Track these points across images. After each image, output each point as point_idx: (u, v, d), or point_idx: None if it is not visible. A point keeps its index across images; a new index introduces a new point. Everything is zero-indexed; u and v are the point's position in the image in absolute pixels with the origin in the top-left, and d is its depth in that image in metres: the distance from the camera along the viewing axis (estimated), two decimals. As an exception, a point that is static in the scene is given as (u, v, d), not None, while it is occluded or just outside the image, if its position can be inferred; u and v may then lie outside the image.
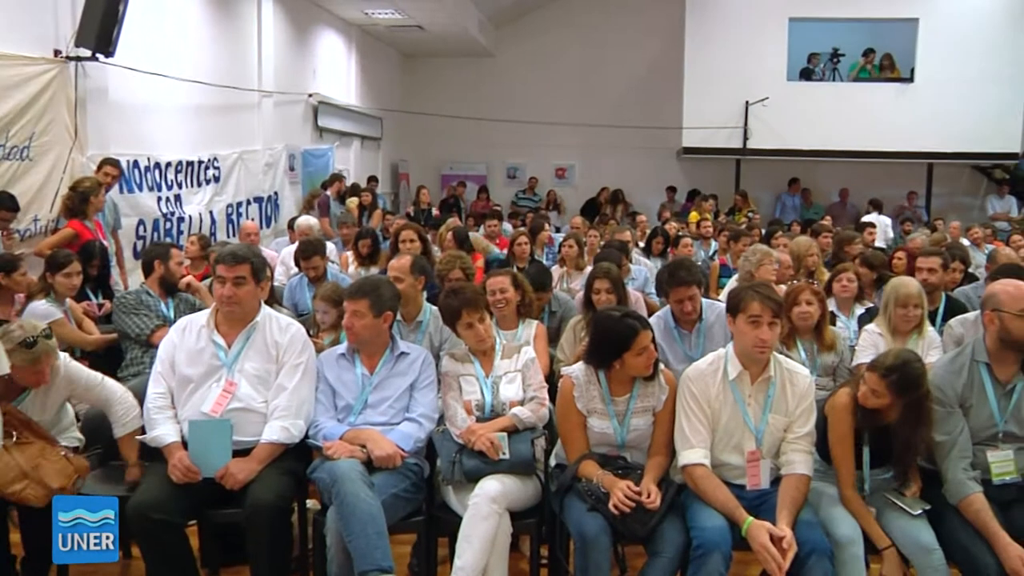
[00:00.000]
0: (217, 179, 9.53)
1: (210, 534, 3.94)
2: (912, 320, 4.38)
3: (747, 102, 14.18)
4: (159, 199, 8.29)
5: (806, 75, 14.96)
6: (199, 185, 9.14)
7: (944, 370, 3.40)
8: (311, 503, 3.89)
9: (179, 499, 3.32)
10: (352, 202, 10.83)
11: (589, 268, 5.81)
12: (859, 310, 5.42)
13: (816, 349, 4.33)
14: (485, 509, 3.29)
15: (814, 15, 14.43)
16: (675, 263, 4.66)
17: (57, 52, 6.80)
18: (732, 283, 5.76)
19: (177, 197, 8.64)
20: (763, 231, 9.34)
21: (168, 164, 8.46)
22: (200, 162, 9.14)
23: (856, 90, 14.66)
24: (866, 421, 3.26)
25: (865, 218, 12.19)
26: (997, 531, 3.07)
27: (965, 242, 9.43)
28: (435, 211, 13.30)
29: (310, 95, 12.19)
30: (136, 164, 7.89)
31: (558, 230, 11.48)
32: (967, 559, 3.09)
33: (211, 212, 9.31)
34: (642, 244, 9.18)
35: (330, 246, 7.18)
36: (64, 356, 3.66)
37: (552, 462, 3.64)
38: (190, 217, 8.81)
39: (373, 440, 3.47)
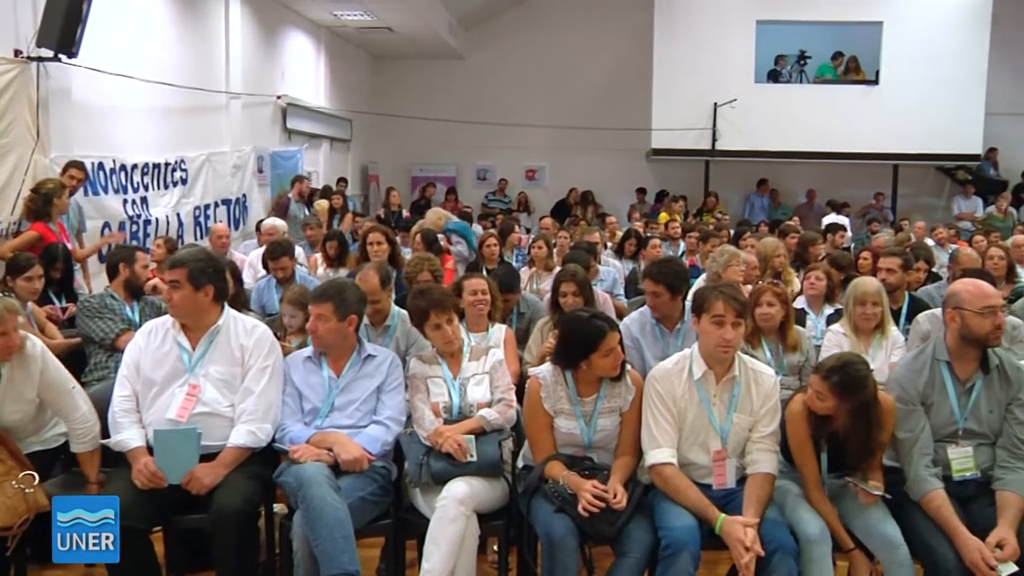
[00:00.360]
0: (184, 181, 9.43)
1: (176, 540, 3.88)
2: (871, 318, 4.45)
3: (715, 104, 14.27)
4: (125, 201, 8.19)
5: (773, 77, 15.08)
6: (166, 187, 9.04)
7: (906, 368, 3.45)
8: (278, 507, 3.85)
9: (143, 505, 3.27)
10: (322, 205, 10.78)
11: (559, 269, 5.82)
12: (828, 310, 5.48)
13: (781, 349, 4.37)
14: (452, 511, 3.28)
15: (781, 18, 14.55)
16: (662, 260, 4.70)
17: (17, 52, 6.69)
18: (699, 283, 5.79)
19: (143, 199, 8.55)
20: (731, 232, 9.42)
21: (134, 166, 8.35)
22: (167, 164, 9.04)
23: (823, 92, 14.83)
24: (818, 428, 3.28)
25: (826, 219, 12.37)
26: (957, 526, 3.11)
27: (930, 242, 9.56)
28: (406, 213, 13.27)
29: (279, 97, 12.11)
30: (101, 166, 7.79)
31: (528, 231, 11.49)
32: (928, 554, 3.13)
33: (178, 214, 9.21)
34: (611, 245, 9.22)
35: (297, 248, 7.14)
36: (41, 345, 3.54)
37: (520, 463, 3.64)
38: (157, 220, 8.71)
39: (340, 443, 3.45)
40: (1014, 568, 3.00)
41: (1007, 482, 3.21)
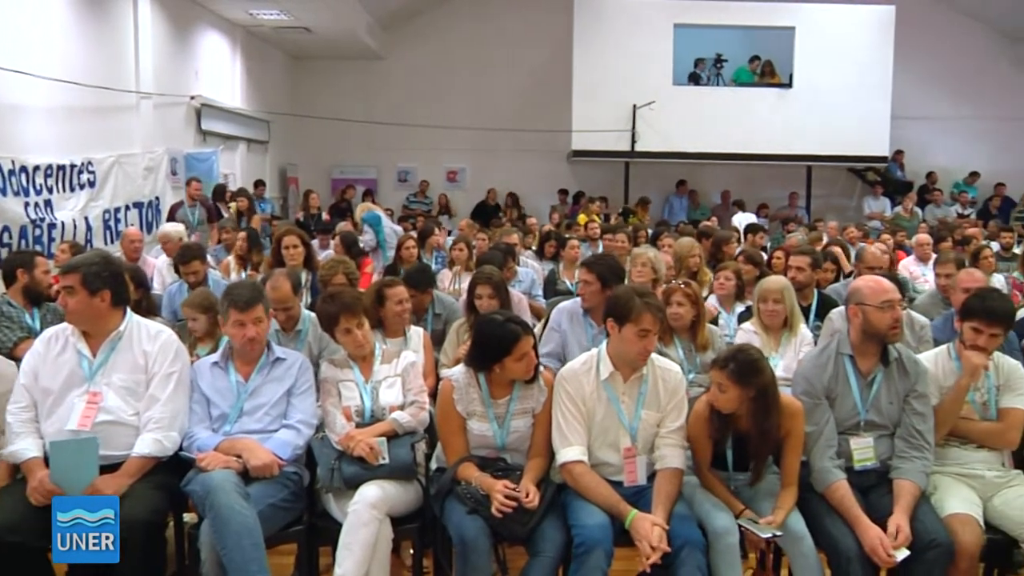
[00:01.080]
0: (92, 184, 9.13)
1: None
2: (776, 314, 4.55)
3: (634, 105, 14.45)
4: (26, 204, 7.89)
5: (693, 79, 15.34)
6: (72, 190, 8.74)
7: (812, 363, 3.55)
8: (188, 517, 3.75)
9: (38, 519, 3.10)
10: (232, 208, 10.57)
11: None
12: (740, 308, 5.58)
13: (693, 348, 4.42)
14: (365, 515, 3.25)
15: (698, 21, 14.81)
16: (603, 254, 4.73)
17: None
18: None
19: (47, 203, 8.25)
20: (649, 232, 9.54)
21: (36, 168, 8.06)
22: (73, 166, 8.74)
23: (739, 95, 15.16)
24: (722, 428, 3.32)
25: (734, 219, 12.66)
26: (858, 515, 3.21)
27: (842, 241, 9.83)
28: (325, 215, 13.10)
29: (192, 97, 11.84)
30: (-1, 167, 7.50)
31: (449, 233, 11.46)
32: (831, 543, 3.22)
33: (87, 218, 8.92)
34: (534, 248, 9.27)
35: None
36: None
37: (433, 466, 3.62)
38: (63, 224, 8.42)
39: (249, 450, 3.38)
40: (907, 553, 3.11)
41: (903, 471, 3.33)
